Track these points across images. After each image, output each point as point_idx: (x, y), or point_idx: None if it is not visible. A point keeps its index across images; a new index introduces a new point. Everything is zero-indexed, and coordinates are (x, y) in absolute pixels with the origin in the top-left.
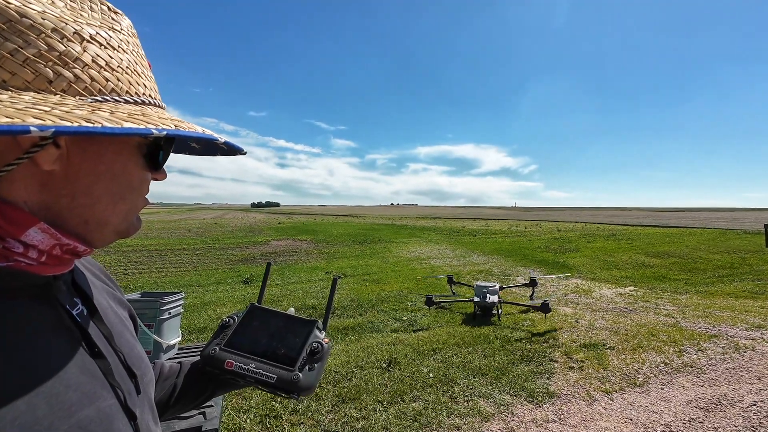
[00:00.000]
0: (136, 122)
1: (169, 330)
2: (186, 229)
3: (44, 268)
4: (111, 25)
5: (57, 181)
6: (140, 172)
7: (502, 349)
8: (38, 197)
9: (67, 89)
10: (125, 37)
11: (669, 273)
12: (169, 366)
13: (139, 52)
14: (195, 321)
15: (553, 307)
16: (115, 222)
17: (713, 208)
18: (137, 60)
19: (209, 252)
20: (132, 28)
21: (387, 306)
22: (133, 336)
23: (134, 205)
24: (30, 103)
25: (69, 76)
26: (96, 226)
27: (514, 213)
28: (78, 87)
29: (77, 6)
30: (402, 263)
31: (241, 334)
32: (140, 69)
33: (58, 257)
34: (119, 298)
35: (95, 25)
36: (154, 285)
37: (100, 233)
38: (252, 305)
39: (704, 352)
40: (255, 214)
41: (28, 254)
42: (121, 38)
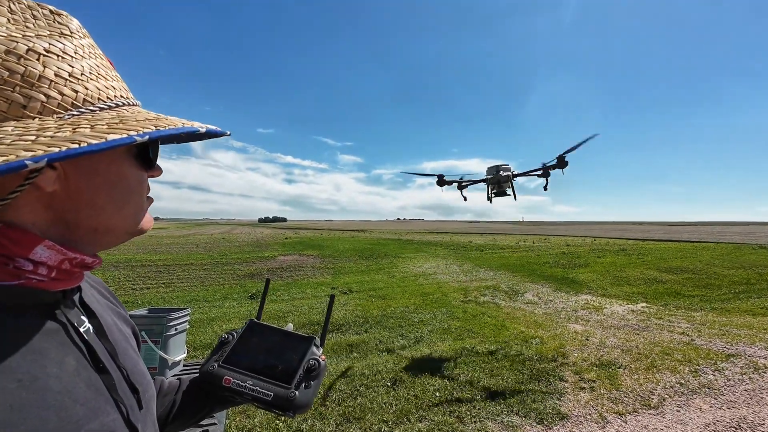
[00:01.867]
0: (117, 132)
1: (176, 346)
2: (194, 244)
3: (56, 283)
4: (60, 30)
5: (60, 199)
6: (136, 174)
7: (511, 367)
8: (45, 217)
9: (42, 110)
10: (78, 41)
11: (683, 289)
12: (168, 382)
13: (97, 53)
14: (200, 337)
15: (563, 324)
16: (124, 225)
17: (726, 222)
18: (98, 63)
19: (216, 267)
20: (82, 28)
21: (393, 322)
22: (136, 352)
23: (138, 205)
24: (15, 135)
25: (40, 97)
26: (105, 232)
27: (521, 227)
28: (51, 105)
29: (20, 18)
30: (408, 279)
31: (239, 350)
32: (104, 71)
33: (68, 271)
34: (123, 315)
35: (45, 36)
36: (161, 300)
37: (112, 237)
38: (251, 321)
39: (722, 372)
40: (262, 229)
41: (38, 271)
42: (75, 44)
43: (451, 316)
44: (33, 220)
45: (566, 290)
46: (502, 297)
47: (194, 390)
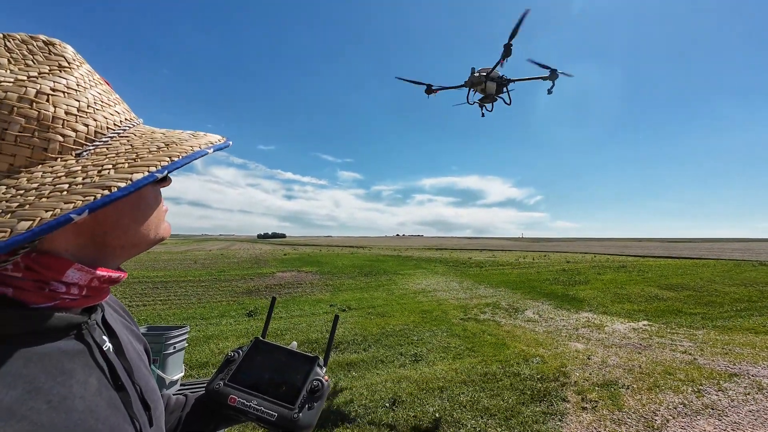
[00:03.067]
0: (138, 170)
1: (173, 365)
2: (192, 260)
3: (87, 300)
4: (58, 63)
5: (88, 226)
6: (152, 190)
7: (511, 387)
8: (76, 242)
9: (61, 150)
10: (77, 71)
11: (684, 307)
12: (175, 399)
13: (95, 78)
14: (197, 355)
15: (564, 342)
16: (147, 237)
17: (725, 238)
18: (99, 90)
19: (214, 284)
20: (77, 55)
21: (392, 341)
22: (148, 370)
23: (158, 217)
24: (50, 185)
25: (57, 138)
26: (132, 246)
27: (521, 244)
28: (68, 144)
29: (19, 56)
30: (407, 296)
31: (245, 369)
32: (106, 98)
33: (97, 288)
34: (136, 332)
35: (47, 74)
36: (157, 318)
37: (138, 249)
38: (256, 339)
39: (725, 392)
40: (261, 245)
41: (71, 291)
42: (76, 75)
43: (451, 334)
44: (65, 246)
45: (567, 308)
46: (502, 314)
47: (200, 407)
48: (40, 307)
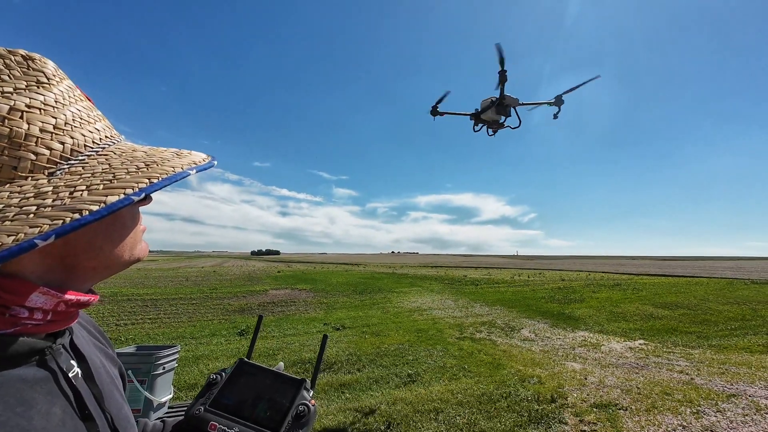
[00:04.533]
0: (114, 191)
1: (162, 386)
2: (184, 277)
3: (52, 325)
4: (36, 78)
5: (57, 248)
6: (130, 210)
7: (508, 409)
8: (43, 264)
9: (33, 168)
10: (57, 87)
11: (679, 325)
12: (152, 425)
13: (77, 95)
14: (185, 377)
15: (560, 362)
16: (122, 258)
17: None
18: (79, 107)
19: (205, 302)
20: (58, 71)
21: (387, 360)
22: (122, 395)
23: (133, 238)
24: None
25: (29, 156)
26: (105, 268)
27: (516, 261)
28: (41, 162)
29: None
30: (403, 314)
31: (227, 392)
32: (86, 114)
33: (64, 312)
34: (111, 355)
35: (23, 90)
36: (146, 337)
37: (110, 271)
38: (240, 361)
39: (723, 413)
40: (255, 262)
41: (34, 317)
42: (55, 92)
43: (447, 354)
44: (32, 268)
45: (563, 326)
46: (498, 333)
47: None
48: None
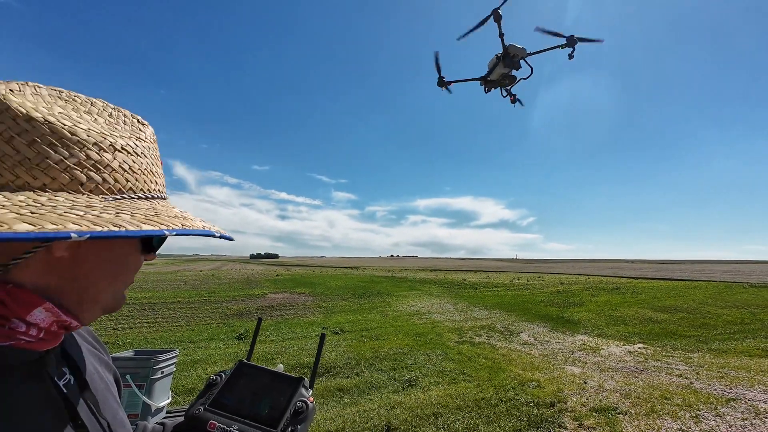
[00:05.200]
0: (152, 224)
1: (161, 390)
2: (182, 280)
3: (42, 343)
4: (138, 135)
5: (64, 265)
6: (136, 256)
7: (507, 413)
8: (44, 280)
9: (93, 189)
10: (147, 144)
11: (678, 329)
12: (152, 428)
13: (155, 154)
14: (183, 381)
15: (560, 366)
16: (105, 300)
17: (716, 260)
18: (153, 162)
19: (204, 305)
20: (153, 135)
21: (386, 365)
22: (117, 402)
23: (124, 283)
24: (66, 207)
25: (98, 179)
26: (89, 305)
27: (515, 265)
28: (103, 187)
29: (114, 120)
30: (402, 318)
31: (227, 392)
32: (154, 169)
33: (54, 332)
34: (106, 361)
35: (126, 137)
36: (144, 341)
37: (91, 312)
38: (240, 362)
39: (723, 417)
40: (253, 265)
41: (29, 332)
42: (144, 145)
43: (446, 358)
44: (35, 281)
45: (562, 330)
46: (497, 337)
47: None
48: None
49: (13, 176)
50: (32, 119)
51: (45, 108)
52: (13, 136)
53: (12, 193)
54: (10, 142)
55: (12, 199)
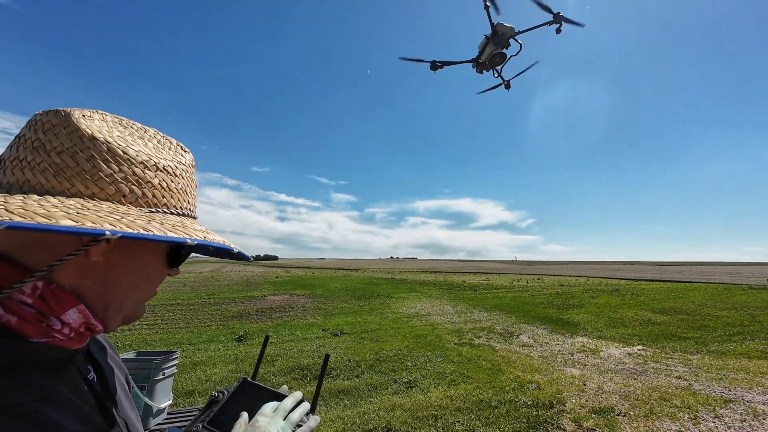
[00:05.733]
0: (178, 232)
1: (162, 392)
2: (181, 282)
3: (71, 342)
4: (179, 159)
5: (97, 269)
6: (160, 268)
7: (507, 415)
8: (78, 282)
9: (133, 201)
10: (185, 167)
11: (678, 331)
12: None
13: (191, 177)
14: (183, 383)
15: (559, 368)
16: (127, 309)
17: (714, 262)
18: (188, 184)
19: (203, 307)
20: (192, 161)
21: (385, 367)
22: (131, 402)
23: (147, 294)
24: (107, 212)
25: (138, 193)
26: (113, 311)
27: (514, 267)
28: (141, 201)
29: (161, 146)
30: (401, 320)
31: (227, 411)
32: (189, 190)
33: (81, 334)
34: (118, 362)
35: (168, 159)
36: (143, 343)
37: (114, 318)
38: (244, 380)
39: (721, 419)
40: (253, 267)
41: (62, 331)
42: (182, 168)
43: (446, 360)
44: (71, 283)
45: (561, 332)
46: (497, 339)
47: None
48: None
49: (69, 185)
50: (95, 139)
51: (107, 131)
52: (76, 152)
53: (66, 198)
54: (74, 156)
55: (64, 203)
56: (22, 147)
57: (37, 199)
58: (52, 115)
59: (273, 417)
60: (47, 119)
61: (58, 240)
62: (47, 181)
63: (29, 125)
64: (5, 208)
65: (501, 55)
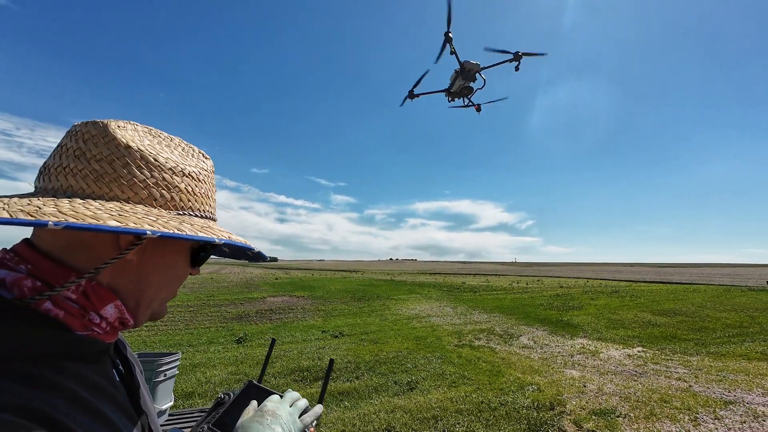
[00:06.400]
0: (206, 233)
1: (163, 393)
2: (181, 284)
3: (107, 336)
4: (201, 165)
5: (131, 268)
6: (185, 267)
7: (507, 417)
8: (116, 280)
9: (163, 205)
10: (207, 173)
11: (677, 332)
12: None
13: (212, 182)
14: (183, 385)
15: (559, 370)
16: (155, 306)
17: (714, 263)
18: (210, 188)
19: (203, 309)
20: (213, 167)
21: (385, 368)
22: (150, 395)
23: (172, 292)
24: (143, 214)
25: (168, 197)
26: (143, 308)
27: (514, 268)
28: (170, 204)
29: (185, 153)
30: (401, 321)
31: (232, 413)
32: (210, 194)
33: (115, 328)
34: (136, 358)
35: (192, 165)
36: (142, 345)
37: (143, 315)
38: (249, 383)
39: (721, 420)
40: (252, 268)
41: (101, 325)
42: (205, 174)
43: (446, 361)
44: (108, 280)
45: (561, 333)
46: (497, 341)
47: None
48: (80, 334)
49: (108, 189)
50: (129, 147)
51: (138, 140)
52: (114, 160)
53: (105, 201)
54: (111, 164)
55: (105, 206)
56: (65, 155)
57: (82, 202)
58: (90, 126)
59: (281, 402)
60: (86, 130)
61: (97, 240)
62: (88, 187)
63: (69, 135)
64: (59, 210)
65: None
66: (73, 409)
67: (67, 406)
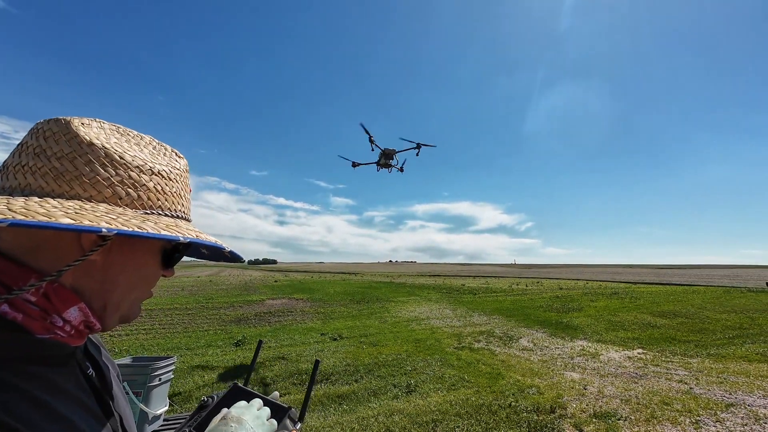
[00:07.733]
0: (171, 231)
1: (158, 398)
2: (179, 287)
3: (72, 339)
4: (173, 164)
5: (95, 268)
6: (155, 269)
7: (507, 420)
8: (79, 281)
9: (129, 204)
10: (179, 172)
11: (677, 334)
12: None
13: (185, 182)
14: (180, 388)
15: (559, 372)
16: (124, 308)
17: (714, 265)
18: (182, 188)
19: (201, 312)
20: (186, 166)
21: (385, 371)
22: (125, 398)
23: (142, 294)
24: (103, 212)
25: (134, 196)
26: (110, 310)
27: (514, 270)
28: (137, 203)
29: (156, 151)
30: (401, 324)
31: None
32: (183, 194)
33: (80, 331)
34: (112, 362)
35: (163, 164)
36: (140, 348)
37: (111, 317)
38: (234, 385)
39: (723, 423)
40: (251, 271)
41: (64, 328)
42: (177, 173)
43: (445, 364)
44: (71, 282)
45: (561, 335)
46: (496, 343)
47: None
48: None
49: (68, 188)
50: (93, 144)
51: (104, 137)
52: (75, 157)
53: (65, 200)
54: (73, 161)
55: (63, 204)
56: (24, 153)
57: (38, 200)
58: (52, 123)
59: (248, 407)
60: (48, 127)
61: (59, 241)
62: (47, 185)
63: (31, 133)
64: (8, 208)
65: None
66: (33, 414)
67: (27, 411)
